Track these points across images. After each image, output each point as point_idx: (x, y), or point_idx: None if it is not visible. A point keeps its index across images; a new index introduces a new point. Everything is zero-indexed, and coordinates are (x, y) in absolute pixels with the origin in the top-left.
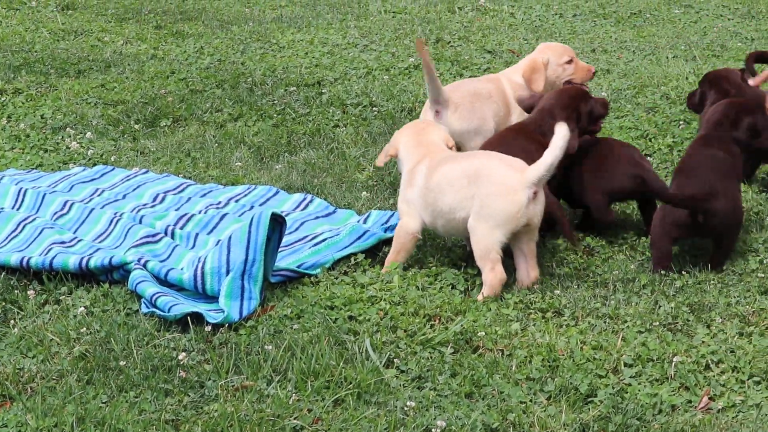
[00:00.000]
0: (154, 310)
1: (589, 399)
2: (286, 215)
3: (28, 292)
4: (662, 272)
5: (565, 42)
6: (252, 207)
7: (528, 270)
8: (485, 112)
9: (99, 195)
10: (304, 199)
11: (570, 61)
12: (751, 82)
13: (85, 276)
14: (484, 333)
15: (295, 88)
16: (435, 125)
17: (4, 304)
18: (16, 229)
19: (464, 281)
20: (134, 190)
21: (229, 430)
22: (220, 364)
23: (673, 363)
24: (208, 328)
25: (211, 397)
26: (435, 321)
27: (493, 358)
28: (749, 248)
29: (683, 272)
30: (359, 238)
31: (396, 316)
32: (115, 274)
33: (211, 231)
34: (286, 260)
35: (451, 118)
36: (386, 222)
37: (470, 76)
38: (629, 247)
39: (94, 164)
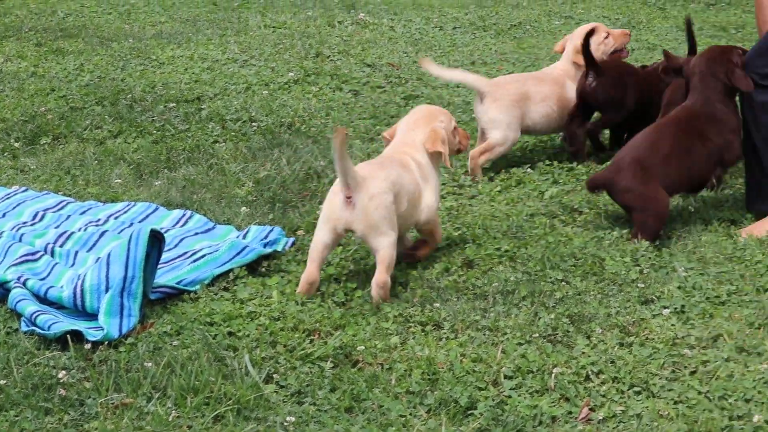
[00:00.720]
0: (33, 328)
1: (469, 411)
2: (166, 231)
3: None
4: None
5: (445, 54)
6: (131, 224)
7: (375, 274)
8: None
9: None
10: (184, 215)
11: (607, 36)
12: None
13: None
14: (363, 347)
15: (174, 104)
16: (440, 117)
17: None
18: None
19: (344, 295)
20: (14, 208)
21: None
22: (100, 381)
23: (553, 374)
24: (88, 346)
25: (91, 415)
26: (314, 336)
27: (373, 371)
28: (632, 257)
29: (564, 282)
30: (238, 253)
31: (275, 331)
32: None
33: (91, 248)
34: (165, 277)
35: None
36: (265, 237)
37: (350, 91)
38: (509, 258)
39: None
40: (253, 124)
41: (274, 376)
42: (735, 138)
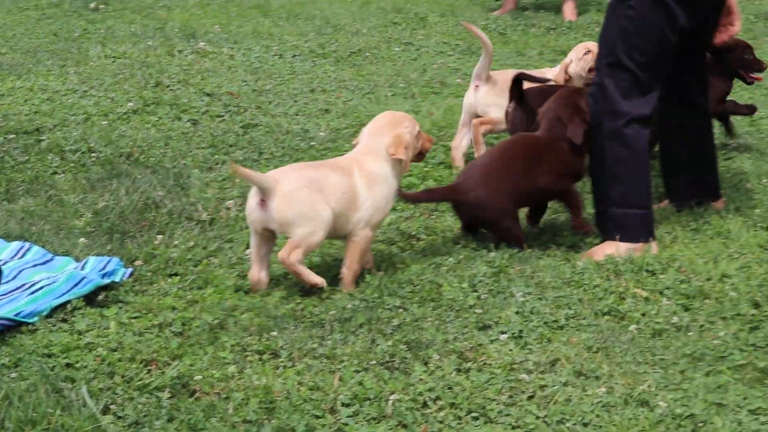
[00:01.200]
0: None
1: None
2: (4, 264)
3: None
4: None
5: (284, 82)
6: None
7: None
8: None
9: None
10: (22, 247)
11: (588, 52)
12: None
13: None
14: (201, 376)
15: (14, 135)
16: (404, 122)
17: None
18: None
19: (182, 324)
20: None
21: None
22: None
23: (391, 401)
24: None
25: None
26: (152, 366)
27: (210, 401)
28: (469, 283)
29: (401, 309)
30: (76, 284)
31: (113, 362)
32: None
33: None
34: (3, 309)
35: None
36: (103, 268)
37: (189, 120)
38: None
39: None
40: (93, 154)
41: (112, 406)
42: (579, 159)
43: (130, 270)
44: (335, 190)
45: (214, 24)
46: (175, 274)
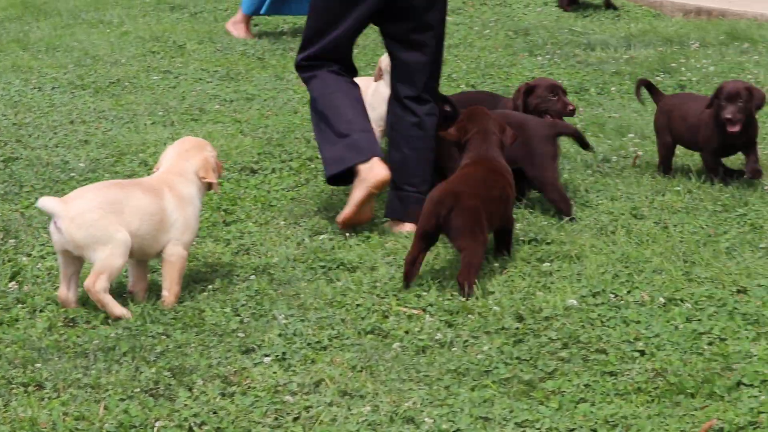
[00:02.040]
0: None
1: None
2: None
3: None
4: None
5: (44, 115)
6: None
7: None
8: None
9: None
10: None
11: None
12: None
13: None
14: None
15: None
16: (208, 147)
17: None
18: None
19: None
20: None
21: None
22: None
23: (156, 428)
24: None
25: None
26: None
27: None
28: (231, 308)
29: (164, 336)
30: None
31: None
32: None
33: None
34: None
35: None
36: None
37: None
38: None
39: None
40: None
41: None
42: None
43: None
44: (139, 211)
45: None
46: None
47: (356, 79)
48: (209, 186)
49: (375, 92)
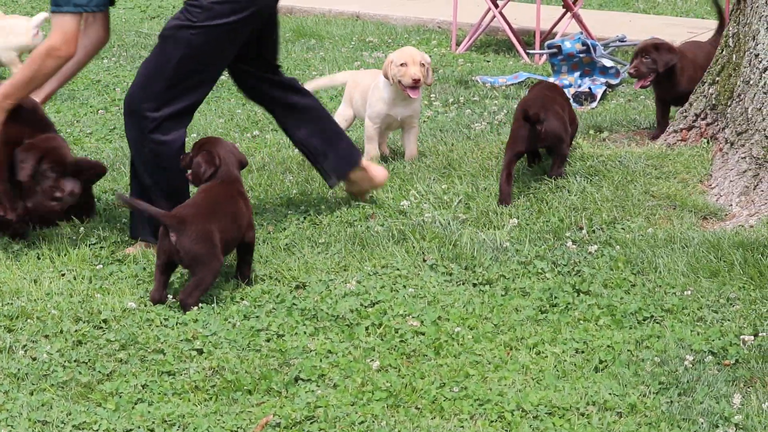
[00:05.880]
0: None
1: None
2: None
3: None
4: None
5: None
6: None
7: None
8: None
9: None
10: None
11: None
12: None
13: None
14: None
15: None
16: None
17: None
18: None
19: None
20: None
21: None
22: None
23: None
24: None
25: None
26: None
27: None
28: None
29: None
30: None
31: None
32: None
33: None
34: None
35: None
36: None
37: None
38: None
39: None
40: None
41: None
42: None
43: None
44: None
45: None
46: None
47: (362, 74)
48: None
49: (374, 88)
